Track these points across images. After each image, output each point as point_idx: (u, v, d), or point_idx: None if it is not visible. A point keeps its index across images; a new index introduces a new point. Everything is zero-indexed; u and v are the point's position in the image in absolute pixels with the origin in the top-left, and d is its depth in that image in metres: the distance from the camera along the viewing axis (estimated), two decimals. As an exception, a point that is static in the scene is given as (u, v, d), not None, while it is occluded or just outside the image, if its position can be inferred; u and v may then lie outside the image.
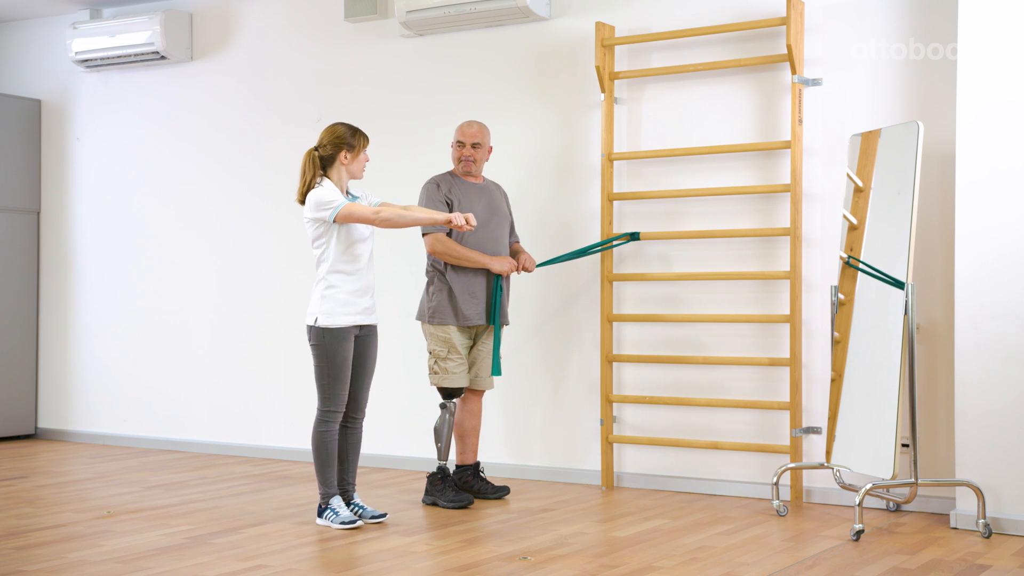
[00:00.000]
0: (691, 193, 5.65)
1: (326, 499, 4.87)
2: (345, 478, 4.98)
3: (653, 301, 5.80)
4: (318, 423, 4.87)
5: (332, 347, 4.80)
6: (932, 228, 5.12)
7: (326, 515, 4.86)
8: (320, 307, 4.81)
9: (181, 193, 7.30)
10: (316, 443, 4.87)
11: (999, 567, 4.15)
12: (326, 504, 4.87)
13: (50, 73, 7.79)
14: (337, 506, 4.85)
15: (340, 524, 4.80)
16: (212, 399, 7.16)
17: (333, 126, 4.90)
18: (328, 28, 6.75)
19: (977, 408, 4.76)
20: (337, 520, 4.81)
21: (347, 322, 4.82)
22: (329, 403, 4.86)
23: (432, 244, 5.28)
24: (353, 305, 4.83)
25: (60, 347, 7.73)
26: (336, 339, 4.80)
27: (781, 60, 5.40)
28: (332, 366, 4.81)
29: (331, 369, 4.82)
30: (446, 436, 5.36)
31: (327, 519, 4.85)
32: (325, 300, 4.81)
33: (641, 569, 4.11)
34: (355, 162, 4.87)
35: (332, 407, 4.86)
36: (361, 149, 4.88)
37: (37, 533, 4.74)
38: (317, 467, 4.88)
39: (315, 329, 4.81)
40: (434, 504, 5.33)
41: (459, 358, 5.33)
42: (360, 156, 4.88)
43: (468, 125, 5.45)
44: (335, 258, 4.81)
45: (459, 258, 5.27)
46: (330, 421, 4.87)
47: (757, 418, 5.54)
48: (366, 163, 4.94)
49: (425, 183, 5.43)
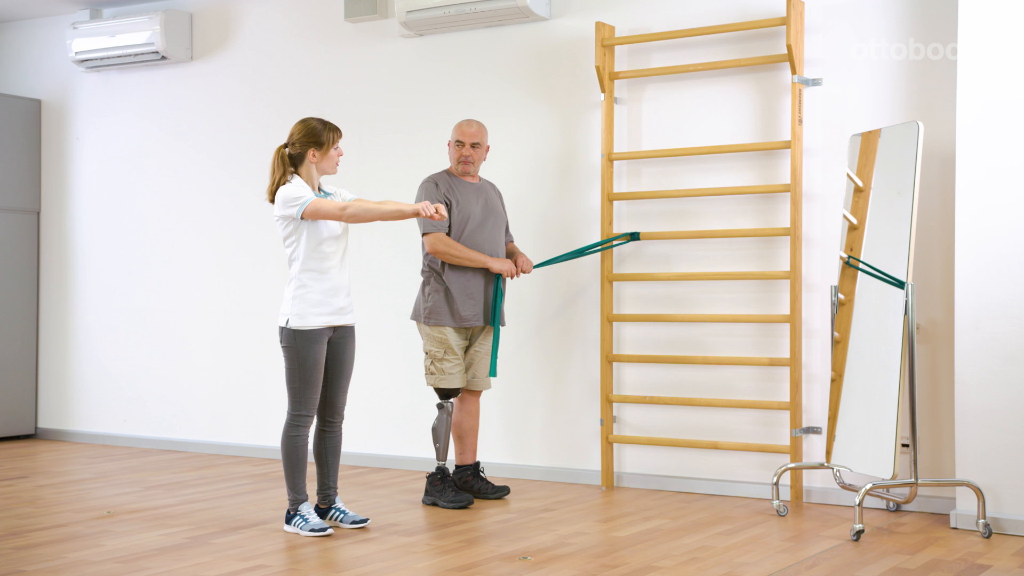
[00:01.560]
0: (691, 193, 5.65)
1: (295, 505, 4.73)
2: (326, 482, 4.85)
3: (653, 301, 5.80)
4: (288, 428, 4.72)
5: (303, 349, 4.65)
6: (932, 228, 5.12)
7: (295, 522, 4.72)
8: (291, 308, 4.66)
9: (181, 193, 7.30)
10: (286, 449, 4.72)
11: (999, 567, 4.15)
12: (295, 511, 4.73)
13: (50, 73, 7.79)
14: (306, 512, 4.72)
15: (309, 531, 4.66)
16: (212, 399, 7.16)
17: (303, 121, 4.75)
18: (328, 28, 6.75)
19: (977, 408, 4.76)
20: (307, 527, 4.67)
21: (319, 323, 4.67)
22: (300, 407, 4.70)
23: (433, 244, 5.27)
24: (326, 305, 4.69)
25: (60, 347, 7.73)
26: (307, 341, 4.65)
27: (781, 60, 5.40)
28: (303, 369, 4.65)
29: (302, 372, 4.66)
30: (444, 436, 5.35)
31: (295, 526, 4.71)
32: (296, 301, 4.66)
33: (641, 569, 4.11)
34: (325, 159, 4.71)
35: (303, 411, 4.71)
36: (331, 145, 4.71)
37: (37, 533, 4.74)
38: (287, 473, 4.74)
39: (286, 331, 4.66)
40: (434, 504, 5.32)
41: (455, 358, 5.32)
42: (331, 152, 4.72)
43: (467, 124, 5.44)
44: (306, 256, 4.65)
45: (460, 258, 5.26)
46: (300, 426, 4.71)
47: (757, 418, 5.54)
48: (339, 157, 4.78)
49: (423, 182, 5.42)
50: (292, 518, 4.74)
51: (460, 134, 5.41)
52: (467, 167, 5.40)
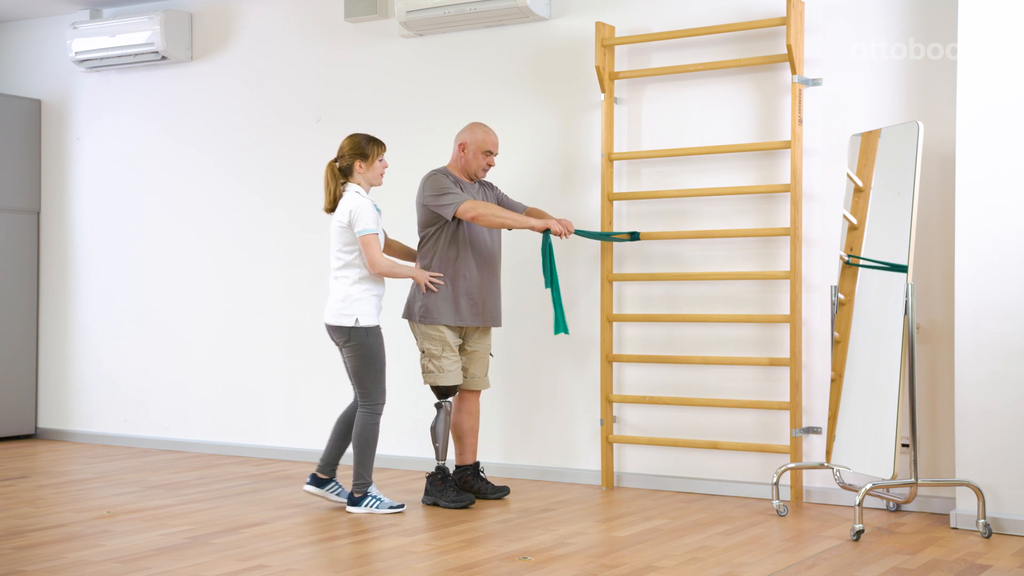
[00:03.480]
0: (691, 193, 5.65)
1: (364, 487, 5.12)
2: (335, 456, 5.27)
3: (653, 301, 5.80)
4: (369, 415, 5.11)
5: (376, 344, 5.11)
6: (932, 228, 5.12)
7: (367, 503, 5.10)
8: (358, 308, 5.09)
9: (181, 193, 7.30)
10: (364, 436, 5.10)
11: (999, 567, 4.15)
12: (362, 493, 5.11)
13: (50, 73, 7.79)
14: (377, 493, 5.13)
15: (388, 509, 5.08)
16: (212, 399, 7.16)
17: (351, 136, 5.19)
18: (328, 28, 6.75)
19: (977, 408, 4.76)
20: (384, 506, 5.09)
21: (379, 322, 5.16)
22: (378, 396, 5.13)
23: (469, 209, 5.20)
24: (380, 307, 5.19)
25: (60, 347, 7.73)
26: (378, 336, 5.13)
27: (781, 60, 5.40)
28: (378, 361, 5.11)
29: (377, 364, 5.11)
30: (443, 436, 5.35)
31: (369, 507, 5.09)
32: (362, 302, 5.10)
33: (641, 569, 4.11)
34: (370, 170, 5.16)
35: (381, 399, 5.14)
36: (376, 157, 5.16)
37: (37, 533, 4.74)
38: (362, 458, 5.10)
39: (359, 329, 5.08)
40: (435, 504, 5.32)
41: (454, 356, 5.32)
42: (375, 164, 5.17)
43: (493, 133, 5.45)
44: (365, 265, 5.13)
45: (505, 218, 5.26)
46: (379, 414, 5.15)
47: (757, 418, 5.54)
48: (385, 169, 5.22)
49: (435, 175, 5.36)
50: (363, 500, 5.12)
51: (490, 144, 5.42)
52: (485, 174, 5.45)
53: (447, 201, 5.25)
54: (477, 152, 5.41)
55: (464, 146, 5.44)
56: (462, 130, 5.50)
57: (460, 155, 5.45)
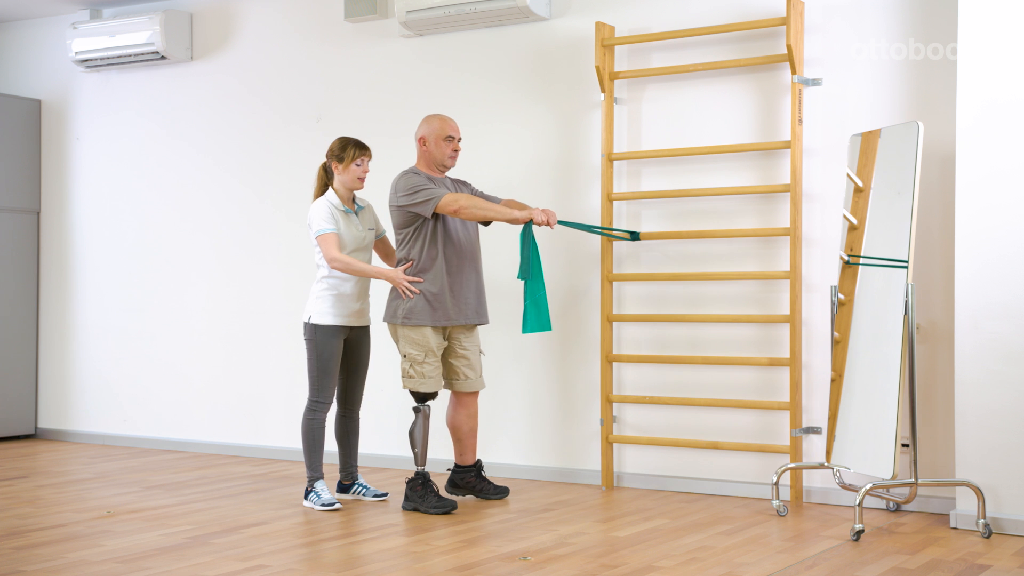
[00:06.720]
0: (691, 193, 5.65)
1: (312, 482, 5.29)
2: (348, 461, 5.47)
3: (653, 301, 5.80)
4: (308, 411, 5.31)
5: (322, 343, 5.25)
6: (932, 228, 5.12)
7: (310, 497, 5.27)
8: (315, 306, 5.29)
9: (181, 193, 7.30)
10: (305, 430, 5.31)
11: (999, 567, 4.15)
12: (311, 487, 5.28)
13: (50, 73, 7.79)
14: (320, 489, 5.25)
15: (321, 506, 5.20)
16: (212, 399, 7.16)
17: (337, 138, 5.35)
18: (328, 28, 6.75)
19: (977, 408, 4.76)
20: (319, 502, 5.21)
21: (337, 322, 5.28)
22: (318, 394, 5.29)
23: (451, 203, 5.10)
24: (345, 307, 5.29)
25: (60, 347, 7.74)
26: (329, 336, 5.26)
27: (781, 60, 5.40)
28: (321, 360, 5.26)
29: (320, 362, 5.27)
30: (421, 441, 5.24)
31: (311, 500, 5.26)
32: (319, 300, 5.29)
33: (641, 569, 4.11)
34: (346, 172, 5.29)
35: (320, 398, 5.30)
36: (351, 161, 5.27)
37: (37, 533, 4.74)
38: (305, 452, 5.31)
39: (308, 325, 5.29)
40: (415, 510, 5.19)
41: (435, 361, 5.26)
42: (351, 168, 5.28)
43: (449, 119, 5.37)
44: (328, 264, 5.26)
45: (487, 209, 5.16)
46: (318, 410, 5.29)
47: (757, 418, 5.54)
48: (364, 174, 5.32)
49: (406, 175, 5.26)
50: (308, 494, 5.29)
51: (449, 130, 5.33)
52: (454, 162, 5.38)
53: (423, 198, 5.15)
54: (438, 140, 5.33)
55: (424, 139, 5.35)
56: (418, 126, 5.42)
57: (423, 150, 5.36)
